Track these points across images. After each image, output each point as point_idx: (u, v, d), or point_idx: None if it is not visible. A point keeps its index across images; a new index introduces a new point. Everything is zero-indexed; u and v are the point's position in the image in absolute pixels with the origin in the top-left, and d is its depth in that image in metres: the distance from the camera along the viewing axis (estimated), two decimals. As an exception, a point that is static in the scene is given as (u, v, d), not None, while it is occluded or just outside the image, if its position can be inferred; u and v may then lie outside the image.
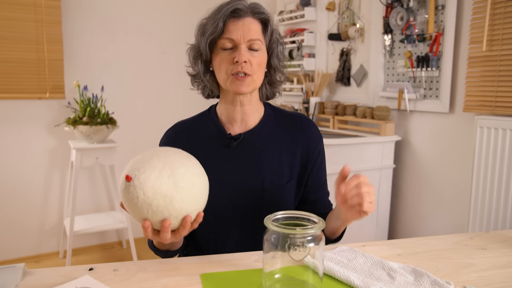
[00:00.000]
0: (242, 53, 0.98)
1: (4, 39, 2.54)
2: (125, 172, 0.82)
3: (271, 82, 1.11)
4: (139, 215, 0.81)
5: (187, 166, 0.83)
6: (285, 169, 1.08)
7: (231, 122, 1.09)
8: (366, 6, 2.68)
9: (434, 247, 1.01)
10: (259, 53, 1.01)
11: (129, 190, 0.79)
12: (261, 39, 1.01)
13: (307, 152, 1.10)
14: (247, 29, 0.98)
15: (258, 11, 1.01)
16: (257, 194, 1.06)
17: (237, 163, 1.07)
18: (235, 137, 1.07)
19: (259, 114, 1.11)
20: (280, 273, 0.78)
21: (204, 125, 1.12)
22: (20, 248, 2.82)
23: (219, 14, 0.99)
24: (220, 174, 1.06)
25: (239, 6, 0.99)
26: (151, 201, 0.78)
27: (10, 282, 0.79)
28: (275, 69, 1.08)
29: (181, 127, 1.13)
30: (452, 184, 2.27)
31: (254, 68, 1.00)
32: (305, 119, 1.14)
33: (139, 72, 3.06)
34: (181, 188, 0.80)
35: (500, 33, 1.94)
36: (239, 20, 0.99)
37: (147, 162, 0.81)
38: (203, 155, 1.07)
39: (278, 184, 1.07)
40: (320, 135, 1.13)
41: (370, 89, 2.67)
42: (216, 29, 0.98)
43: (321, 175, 1.15)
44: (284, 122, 1.12)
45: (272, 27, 1.04)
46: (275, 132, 1.10)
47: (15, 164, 2.74)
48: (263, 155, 1.07)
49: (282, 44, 1.08)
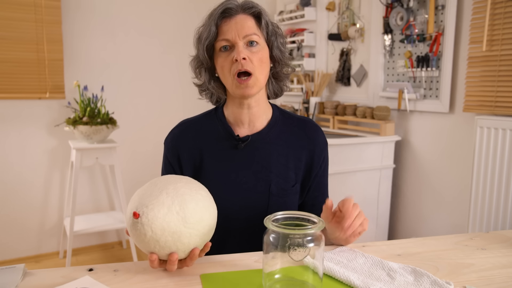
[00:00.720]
0: (240, 50, 0.96)
1: (4, 39, 2.54)
2: (132, 208, 0.80)
3: (276, 76, 1.09)
4: (146, 249, 0.81)
5: (196, 200, 0.82)
6: (291, 173, 1.08)
7: (239, 124, 1.08)
8: (366, 6, 2.68)
9: (434, 247, 1.01)
10: (258, 48, 0.99)
11: (136, 227, 0.79)
12: (257, 33, 0.99)
13: (312, 158, 1.09)
14: (240, 26, 0.97)
15: (248, 6, 1.00)
16: (263, 197, 1.05)
17: (244, 165, 1.06)
18: (243, 139, 1.06)
19: (267, 116, 1.10)
20: (280, 273, 0.78)
21: (211, 125, 1.10)
22: (20, 248, 2.82)
23: (211, 18, 0.99)
24: (226, 176, 1.05)
25: (229, 6, 0.98)
26: (159, 237, 0.78)
27: (10, 283, 0.79)
28: (279, 61, 1.06)
29: (187, 125, 1.11)
30: (452, 184, 2.26)
31: (255, 65, 0.98)
32: (313, 125, 1.13)
33: (139, 72, 3.06)
34: (190, 224, 0.80)
35: (500, 33, 1.94)
36: (231, 19, 0.98)
37: (155, 198, 0.80)
38: (209, 156, 1.07)
39: (284, 188, 1.06)
40: (326, 142, 1.13)
41: (370, 89, 2.67)
42: (210, 33, 0.98)
43: (323, 181, 1.15)
44: (291, 125, 1.11)
45: (266, 19, 1.02)
46: (282, 136, 1.09)
47: (15, 164, 2.74)
48: (270, 158, 1.06)
49: (282, 36, 1.06)
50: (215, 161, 1.07)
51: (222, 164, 1.06)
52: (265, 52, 1.01)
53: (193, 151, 1.08)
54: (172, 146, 1.09)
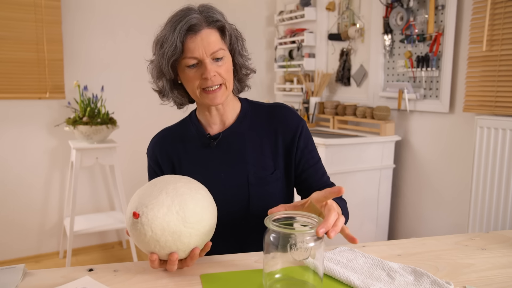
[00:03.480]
0: (209, 68, 0.98)
1: (4, 39, 2.54)
2: (132, 208, 0.81)
3: (239, 79, 1.13)
4: (146, 249, 0.81)
5: (196, 199, 0.83)
6: (268, 160, 1.09)
7: (210, 124, 1.12)
8: (366, 6, 2.68)
9: (434, 247, 1.01)
10: (224, 60, 1.01)
11: (136, 227, 0.79)
12: (222, 47, 1.01)
13: (287, 138, 1.10)
14: (207, 43, 0.98)
15: (212, 19, 0.99)
16: (243, 189, 1.07)
17: (219, 162, 1.09)
18: (214, 137, 1.10)
19: (236, 111, 1.13)
20: (280, 273, 0.78)
21: (186, 130, 1.15)
22: (20, 248, 2.81)
23: (174, 33, 0.97)
24: (204, 175, 1.07)
25: (192, 22, 0.97)
26: (159, 237, 0.78)
27: (10, 283, 0.79)
28: (241, 66, 1.09)
29: (164, 133, 1.17)
30: (452, 184, 2.26)
31: (224, 77, 1.01)
32: (282, 107, 1.14)
33: (139, 72, 3.05)
34: (190, 224, 0.80)
35: (500, 33, 1.94)
36: (197, 35, 0.97)
37: (155, 198, 0.80)
38: (186, 158, 1.11)
39: (263, 176, 1.08)
40: (299, 118, 1.13)
41: (370, 89, 2.67)
42: (176, 50, 0.97)
43: (312, 156, 1.12)
44: (262, 114, 1.13)
45: (229, 30, 1.02)
46: (253, 126, 1.11)
47: (15, 164, 2.74)
48: (243, 150, 1.09)
49: (241, 39, 1.08)
50: (192, 162, 1.10)
51: (199, 164, 1.10)
52: (229, 61, 1.04)
53: (171, 156, 1.13)
54: (153, 153, 1.15)
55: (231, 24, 1.06)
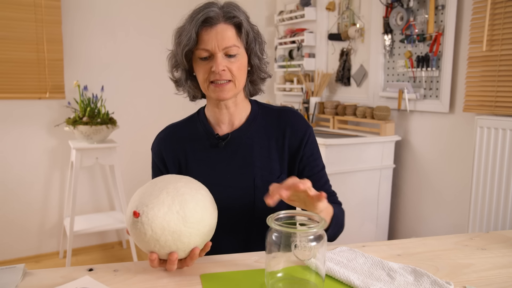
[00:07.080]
0: (219, 62, 0.98)
1: (4, 39, 2.54)
2: (132, 207, 0.81)
3: (252, 81, 1.11)
4: (146, 248, 0.81)
5: (197, 199, 0.83)
6: (274, 164, 1.09)
7: (219, 123, 1.11)
8: (366, 6, 2.68)
9: (434, 247, 1.01)
10: (237, 58, 1.01)
11: (136, 226, 0.79)
12: (237, 44, 1.00)
13: (294, 143, 1.10)
14: (221, 37, 0.98)
15: (230, 15, 0.99)
16: (249, 192, 1.06)
17: (226, 163, 1.08)
18: (223, 137, 1.09)
19: (246, 113, 1.12)
20: (282, 272, 0.78)
21: (193, 128, 1.13)
22: (20, 248, 2.81)
23: (191, 23, 0.98)
24: (210, 175, 1.07)
25: (210, 14, 0.97)
26: (159, 237, 0.78)
27: (10, 283, 0.79)
28: (257, 68, 1.08)
29: (170, 129, 1.16)
30: (452, 184, 2.27)
31: (235, 74, 1.01)
32: (291, 112, 1.13)
33: (139, 72, 3.06)
34: (190, 223, 0.80)
35: (500, 33, 1.94)
36: (212, 28, 0.98)
37: (156, 197, 0.80)
38: (193, 157, 1.10)
39: (269, 180, 1.07)
40: (307, 125, 1.13)
41: (370, 89, 2.67)
42: (190, 40, 0.98)
43: (316, 164, 1.12)
44: (271, 117, 1.12)
45: (246, 28, 1.02)
46: (262, 129, 1.11)
47: (15, 164, 2.73)
48: (251, 152, 1.08)
49: (260, 42, 1.07)
50: (198, 161, 1.09)
51: (206, 164, 1.08)
52: (243, 60, 1.03)
53: (177, 153, 1.12)
54: (158, 150, 1.14)
55: (253, 25, 1.05)
